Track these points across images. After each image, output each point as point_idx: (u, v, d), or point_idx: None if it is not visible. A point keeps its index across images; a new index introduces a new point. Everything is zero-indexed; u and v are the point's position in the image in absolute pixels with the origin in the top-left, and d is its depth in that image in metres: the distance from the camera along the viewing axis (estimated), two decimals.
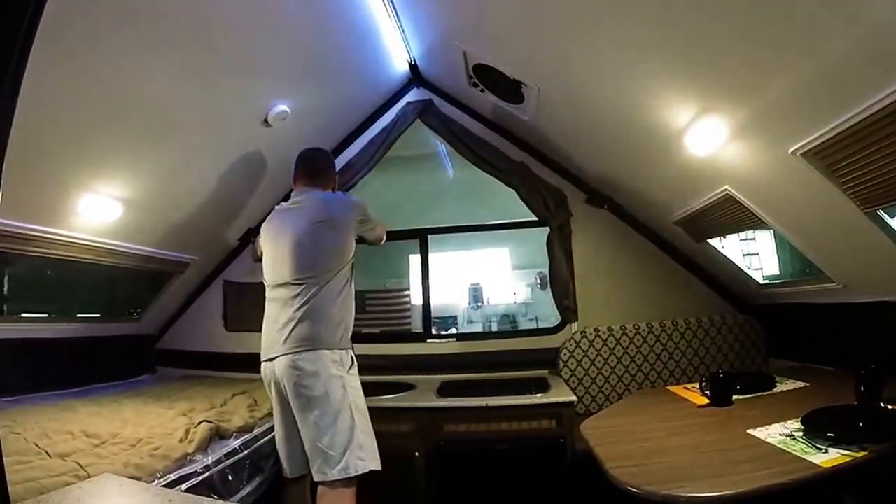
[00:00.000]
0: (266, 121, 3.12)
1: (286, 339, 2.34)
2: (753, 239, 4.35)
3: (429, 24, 3.31)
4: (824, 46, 1.58)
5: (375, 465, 2.33)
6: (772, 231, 2.79)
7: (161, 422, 2.56)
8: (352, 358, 2.45)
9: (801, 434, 1.85)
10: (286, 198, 2.78)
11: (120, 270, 3.47)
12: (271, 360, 2.39)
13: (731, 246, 3.80)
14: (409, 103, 3.97)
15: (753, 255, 4.39)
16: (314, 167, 2.72)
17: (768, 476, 1.55)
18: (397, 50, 3.58)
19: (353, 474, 2.24)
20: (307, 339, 2.33)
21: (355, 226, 2.59)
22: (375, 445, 2.38)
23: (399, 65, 3.82)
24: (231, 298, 4.20)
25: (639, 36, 2.12)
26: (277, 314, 2.43)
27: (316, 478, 2.28)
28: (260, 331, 2.54)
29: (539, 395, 2.99)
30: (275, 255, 2.55)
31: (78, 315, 3.69)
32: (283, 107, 3.10)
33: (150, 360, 4.23)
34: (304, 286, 2.39)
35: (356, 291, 2.62)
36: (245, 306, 3.96)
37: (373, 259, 4.69)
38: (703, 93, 2.20)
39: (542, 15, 2.39)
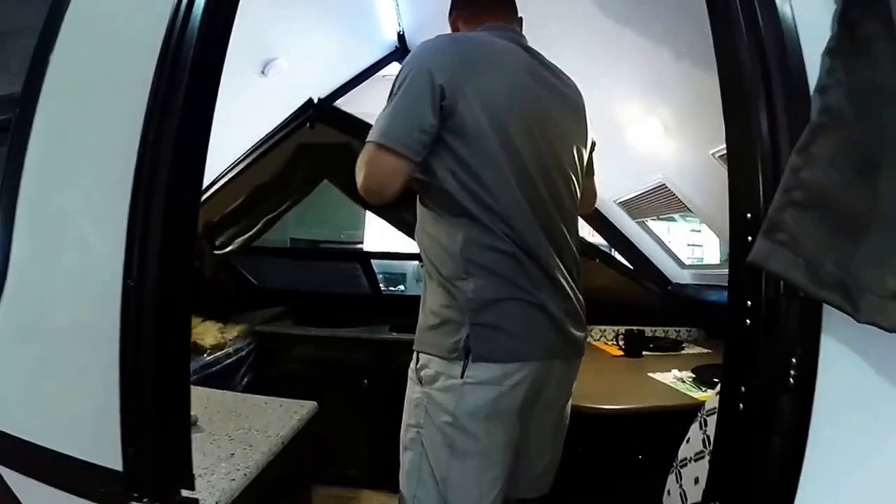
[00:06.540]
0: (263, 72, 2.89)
1: None
2: (699, 231, 4.73)
3: None
4: None
5: None
6: None
7: None
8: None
9: (690, 379, 2.28)
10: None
11: None
12: None
13: (678, 235, 4.16)
14: None
15: (698, 246, 4.81)
16: None
17: (655, 400, 2.03)
18: (386, 14, 3.01)
19: None
20: None
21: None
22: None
23: (387, 33, 3.20)
24: None
25: (602, 51, 2.36)
26: None
27: None
28: None
29: None
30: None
31: None
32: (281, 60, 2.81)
33: None
34: None
35: (308, 240, 1.97)
36: None
37: (327, 206, 4.43)
38: (645, 96, 2.50)
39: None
